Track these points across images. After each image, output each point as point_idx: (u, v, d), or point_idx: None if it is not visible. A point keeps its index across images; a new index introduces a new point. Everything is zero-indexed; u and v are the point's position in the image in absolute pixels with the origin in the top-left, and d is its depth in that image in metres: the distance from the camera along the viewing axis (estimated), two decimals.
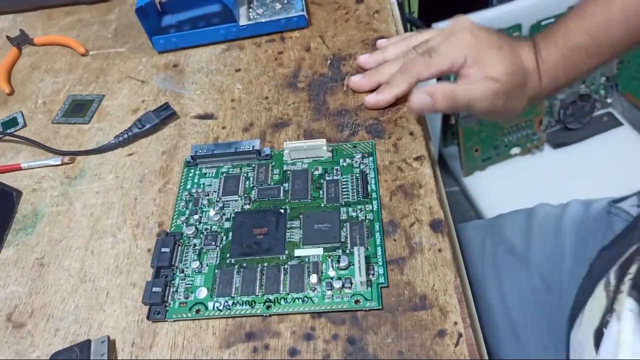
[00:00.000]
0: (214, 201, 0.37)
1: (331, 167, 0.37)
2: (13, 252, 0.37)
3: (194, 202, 0.37)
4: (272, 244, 0.33)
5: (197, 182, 0.38)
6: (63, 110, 0.47)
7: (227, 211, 0.36)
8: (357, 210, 0.34)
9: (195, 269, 0.33)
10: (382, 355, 0.28)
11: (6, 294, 0.35)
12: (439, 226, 0.33)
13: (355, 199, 0.35)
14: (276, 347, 0.29)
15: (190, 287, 0.32)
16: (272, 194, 0.36)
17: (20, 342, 0.32)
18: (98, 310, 0.33)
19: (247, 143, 0.38)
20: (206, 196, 0.37)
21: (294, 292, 0.31)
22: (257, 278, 0.32)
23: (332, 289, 0.31)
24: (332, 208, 0.35)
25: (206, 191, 0.37)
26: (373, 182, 0.36)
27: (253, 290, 0.31)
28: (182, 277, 0.33)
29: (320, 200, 0.36)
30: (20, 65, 0.54)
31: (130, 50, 0.52)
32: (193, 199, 0.37)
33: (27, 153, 0.44)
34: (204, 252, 0.34)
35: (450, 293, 0.30)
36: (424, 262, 0.32)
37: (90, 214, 0.39)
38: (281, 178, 0.37)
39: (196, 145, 0.40)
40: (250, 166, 0.39)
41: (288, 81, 0.45)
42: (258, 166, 0.38)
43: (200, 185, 0.38)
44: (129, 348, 0.31)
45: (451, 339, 0.28)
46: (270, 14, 0.50)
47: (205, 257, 0.34)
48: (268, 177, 0.37)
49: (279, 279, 0.32)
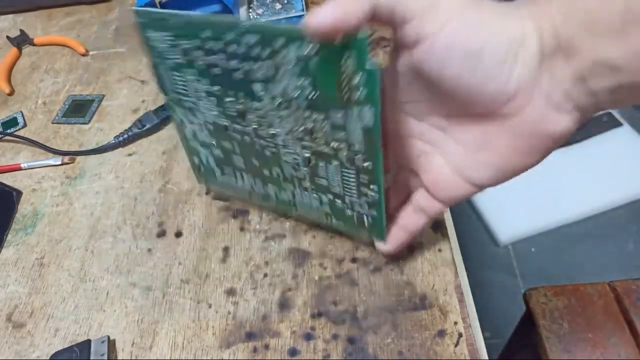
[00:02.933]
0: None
1: None
2: (13, 252, 0.37)
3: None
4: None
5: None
6: (63, 110, 0.47)
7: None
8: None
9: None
10: (382, 355, 0.28)
11: (6, 294, 0.35)
12: (439, 226, 0.33)
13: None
14: (276, 347, 0.29)
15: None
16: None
17: (20, 342, 0.32)
18: (98, 310, 0.33)
19: None
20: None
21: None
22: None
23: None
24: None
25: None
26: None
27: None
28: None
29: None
30: (21, 66, 0.54)
31: (130, 50, 0.52)
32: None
33: (27, 153, 0.44)
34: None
35: (450, 293, 0.30)
36: (424, 262, 0.32)
37: (90, 214, 0.39)
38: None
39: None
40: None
41: None
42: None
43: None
44: (129, 348, 0.31)
45: (451, 339, 0.28)
46: (270, 14, 0.50)
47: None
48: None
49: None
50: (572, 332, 0.52)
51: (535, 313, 0.54)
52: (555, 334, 0.53)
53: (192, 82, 0.30)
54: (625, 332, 0.52)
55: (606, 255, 1.03)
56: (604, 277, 0.58)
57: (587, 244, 1.06)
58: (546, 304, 0.55)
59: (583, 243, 1.06)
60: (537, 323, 0.54)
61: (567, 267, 1.03)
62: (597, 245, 1.05)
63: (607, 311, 0.54)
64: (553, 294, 0.55)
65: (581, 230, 1.06)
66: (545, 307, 0.54)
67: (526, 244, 1.07)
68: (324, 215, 0.31)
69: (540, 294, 0.56)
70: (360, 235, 0.31)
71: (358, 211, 0.29)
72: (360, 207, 0.29)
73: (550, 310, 0.54)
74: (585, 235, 1.07)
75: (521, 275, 1.05)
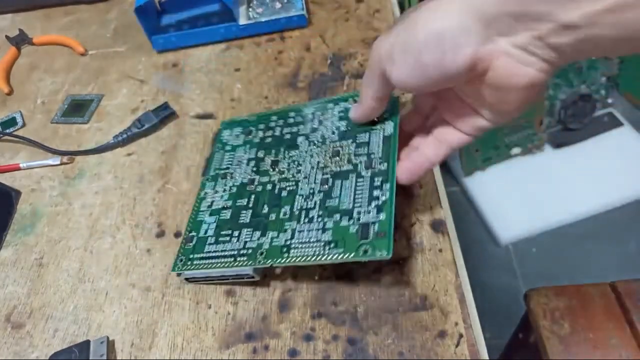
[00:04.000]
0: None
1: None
2: (12, 253, 0.37)
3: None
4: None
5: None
6: (62, 110, 0.47)
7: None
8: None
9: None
10: (383, 356, 0.28)
11: (5, 295, 0.35)
12: (440, 226, 0.33)
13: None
14: (276, 347, 0.29)
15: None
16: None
17: (19, 342, 0.32)
18: (97, 311, 0.33)
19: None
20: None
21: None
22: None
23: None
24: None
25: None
26: None
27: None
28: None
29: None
30: (19, 65, 0.53)
31: (130, 50, 0.52)
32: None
33: (26, 153, 0.44)
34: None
35: (451, 293, 0.30)
36: (424, 263, 0.31)
37: (89, 214, 0.38)
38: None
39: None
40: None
41: (288, 81, 0.45)
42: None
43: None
44: (128, 348, 0.31)
45: (452, 340, 0.28)
46: (270, 13, 0.49)
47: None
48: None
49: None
50: (573, 333, 0.52)
51: (536, 313, 0.54)
52: (556, 335, 0.52)
53: (239, 155, 0.37)
54: (626, 332, 0.52)
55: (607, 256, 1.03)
56: (605, 277, 0.58)
57: (588, 244, 1.05)
58: (547, 305, 0.54)
59: (584, 243, 1.06)
60: (537, 323, 0.53)
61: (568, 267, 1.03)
62: (598, 245, 1.05)
63: (608, 312, 0.53)
64: (554, 295, 0.55)
65: (582, 231, 1.06)
66: (545, 307, 0.54)
67: (527, 244, 1.07)
68: (322, 246, 0.29)
69: (540, 294, 0.55)
70: (358, 255, 0.28)
71: (364, 222, 0.29)
72: (369, 214, 0.29)
73: (550, 311, 0.54)
74: (586, 235, 1.06)
75: (522, 275, 1.04)
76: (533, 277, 1.04)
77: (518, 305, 0.59)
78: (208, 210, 0.34)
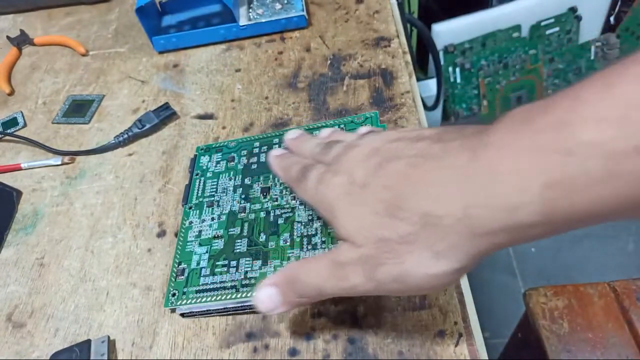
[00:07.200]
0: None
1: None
2: (13, 252, 0.37)
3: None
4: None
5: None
6: (63, 110, 0.47)
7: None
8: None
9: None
10: (382, 355, 0.28)
11: (6, 294, 0.35)
12: None
13: None
14: (276, 347, 0.29)
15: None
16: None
17: (20, 342, 0.32)
18: (98, 310, 0.33)
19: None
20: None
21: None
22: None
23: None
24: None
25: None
26: None
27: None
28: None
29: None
30: (21, 66, 0.54)
31: (131, 51, 0.52)
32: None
33: (27, 153, 0.44)
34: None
35: (450, 293, 0.30)
36: None
37: (91, 214, 0.39)
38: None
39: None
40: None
41: (288, 81, 0.45)
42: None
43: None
44: (129, 348, 0.31)
45: (451, 339, 0.28)
46: (270, 14, 0.50)
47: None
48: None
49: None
50: (572, 332, 0.52)
51: (535, 313, 0.54)
52: (555, 334, 0.53)
53: (223, 182, 0.36)
54: (625, 332, 0.52)
55: (606, 255, 1.03)
56: (604, 277, 0.58)
57: (587, 244, 1.06)
58: (546, 304, 0.55)
59: (583, 243, 1.06)
60: (537, 323, 0.54)
61: (567, 267, 1.03)
62: (597, 245, 1.05)
63: (607, 311, 0.54)
64: (553, 294, 0.55)
65: (581, 230, 1.06)
66: (545, 307, 0.54)
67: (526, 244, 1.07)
68: None
69: (540, 294, 0.56)
70: None
71: None
72: None
73: (550, 310, 0.54)
74: (585, 235, 1.07)
75: (521, 275, 1.05)
76: (532, 276, 1.04)
77: (517, 305, 0.59)
78: (196, 240, 0.33)
